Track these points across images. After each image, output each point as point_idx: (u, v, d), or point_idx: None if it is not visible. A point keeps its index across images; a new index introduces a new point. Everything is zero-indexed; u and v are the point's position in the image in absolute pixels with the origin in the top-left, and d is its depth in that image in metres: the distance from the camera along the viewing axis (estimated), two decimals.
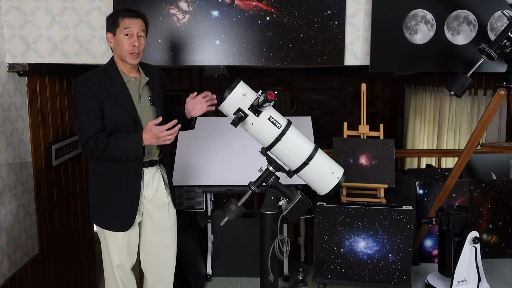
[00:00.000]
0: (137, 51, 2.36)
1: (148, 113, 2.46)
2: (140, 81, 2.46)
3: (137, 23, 2.36)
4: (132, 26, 2.34)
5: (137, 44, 2.35)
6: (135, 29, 2.35)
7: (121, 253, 2.51)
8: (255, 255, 3.11)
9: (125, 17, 2.34)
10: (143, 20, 2.41)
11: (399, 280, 2.94)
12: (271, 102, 2.08)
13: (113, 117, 2.37)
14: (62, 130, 3.77)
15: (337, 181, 2.29)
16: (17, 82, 3.23)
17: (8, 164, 3.10)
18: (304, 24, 3.17)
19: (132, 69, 2.45)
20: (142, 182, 2.49)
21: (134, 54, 2.35)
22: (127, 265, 2.55)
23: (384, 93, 9.37)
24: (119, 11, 2.40)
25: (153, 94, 2.47)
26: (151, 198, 2.54)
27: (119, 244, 2.49)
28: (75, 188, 4.07)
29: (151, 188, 2.53)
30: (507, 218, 3.54)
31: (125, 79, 2.41)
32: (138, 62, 2.41)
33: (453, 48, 3.21)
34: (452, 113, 6.34)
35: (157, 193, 2.55)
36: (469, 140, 3.00)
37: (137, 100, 2.42)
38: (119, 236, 2.48)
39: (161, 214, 2.58)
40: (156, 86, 2.51)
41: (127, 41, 2.34)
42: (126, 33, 2.34)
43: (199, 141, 3.40)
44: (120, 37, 2.34)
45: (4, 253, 3.04)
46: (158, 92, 2.50)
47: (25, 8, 3.13)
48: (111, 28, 2.37)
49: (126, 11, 2.37)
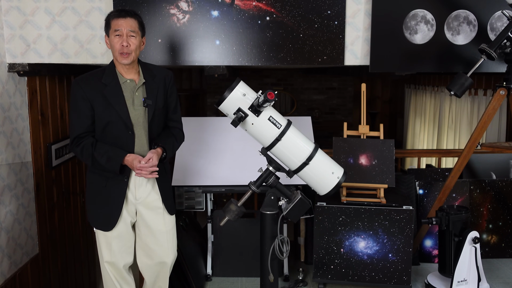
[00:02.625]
0: (127, 51, 2.36)
1: (141, 115, 2.44)
2: (136, 83, 2.45)
3: (126, 23, 2.36)
4: (121, 27, 2.35)
5: (126, 44, 2.35)
6: (124, 29, 2.36)
7: (111, 251, 2.52)
8: (255, 255, 3.11)
9: (115, 18, 2.37)
10: (136, 20, 2.40)
11: (399, 280, 2.94)
12: (271, 102, 2.08)
13: (104, 118, 2.39)
14: (62, 130, 3.77)
15: (337, 181, 2.29)
16: (17, 82, 3.23)
17: (8, 164, 3.10)
18: (304, 24, 3.17)
19: (131, 71, 2.44)
20: (134, 183, 2.49)
21: (124, 54, 2.36)
22: (119, 263, 2.55)
23: (384, 93, 9.38)
24: (111, 12, 2.42)
25: (148, 97, 2.44)
26: (143, 200, 2.53)
27: (108, 242, 2.52)
28: (75, 188, 4.07)
29: (144, 190, 2.52)
30: (507, 218, 3.54)
31: (121, 80, 2.42)
32: (129, 62, 2.39)
33: (453, 48, 3.21)
34: (452, 113, 6.34)
35: (150, 196, 2.54)
36: (469, 140, 3.00)
37: (130, 102, 2.42)
38: (108, 234, 2.50)
39: (154, 217, 2.56)
40: (155, 88, 2.48)
41: (117, 41, 2.36)
42: (116, 33, 2.36)
43: (199, 141, 3.40)
44: (112, 37, 2.38)
45: (4, 253, 3.04)
46: (157, 94, 2.47)
47: (25, 8, 3.13)
48: (106, 30, 2.41)
49: (116, 12, 2.40)
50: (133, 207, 2.53)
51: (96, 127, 2.43)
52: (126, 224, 2.53)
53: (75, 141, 2.42)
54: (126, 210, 2.51)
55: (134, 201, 2.52)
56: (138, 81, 2.45)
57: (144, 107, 2.43)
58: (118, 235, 2.51)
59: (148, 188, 2.53)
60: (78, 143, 2.41)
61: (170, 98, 2.56)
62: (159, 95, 2.49)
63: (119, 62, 2.40)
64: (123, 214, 2.50)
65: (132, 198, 2.51)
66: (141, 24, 2.45)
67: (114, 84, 2.40)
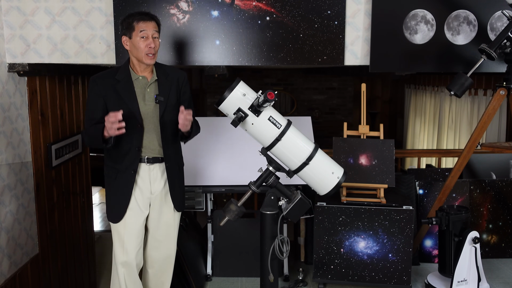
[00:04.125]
0: (153, 52, 2.48)
1: (151, 111, 2.53)
2: (148, 80, 2.54)
3: (151, 25, 2.48)
4: (147, 29, 2.46)
5: (153, 45, 2.47)
6: (149, 32, 2.47)
7: (124, 248, 2.56)
8: (255, 255, 3.11)
9: (140, 21, 2.46)
10: (156, 22, 2.52)
11: (399, 280, 2.94)
12: (271, 102, 2.08)
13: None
14: (62, 130, 3.77)
15: (337, 181, 2.29)
16: (17, 82, 3.23)
17: (8, 164, 3.10)
18: (304, 24, 3.17)
19: (146, 69, 2.55)
20: (149, 177, 2.56)
21: (151, 55, 2.48)
22: (132, 263, 2.58)
23: (384, 93, 9.38)
24: (133, 15, 2.50)
25: (161, 93, 2.53)
26: (158, 194, 2.60)
27: (121, 238, 2.57)
28: (75, 188, 4.07)
29: (159, 184, 2.60)
30: (507, 218, 3.54)
31: (133, 77, 2.52)
32: (154, 62, 2.53)
33: (453, 48, 3.21)
34: (452, 113, 6.34)
35: (164, 190, 2.62)
36: (469, 140, 3.00)
37: (141, 98, 2.52)
38: (121, 230, 2.56)
39: (167, 210, 2.65)
40: (168, 86, 2.57)
41: (143, 43, 2.45)
42: (142, 35, 2.45)
43: (199, 141, 3.40)
44: (137, 40, 2.46)
45: (4, 253, 3.04)
46: (169, 92, 2.56)
47: (25, 8, 3.13)
48: (127, 32, 2.49)
49: (140, 15, 2.48)
50: (147, 200, 2.60)
51: None
52: (137, 218, 2.57)
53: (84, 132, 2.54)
54: (138, 202, 2.57)
55: (149, 195, 2.59)
56: (150, 78, 2.55)
57: (155, 103, 2.52)
58: (130, 229, 2.56)
59: (162, 182, 2.61)
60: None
61: (184, 96, 2.65)
62: (172, 92, 2.58)
63: (143, 63, 2.49)
64: (134, 207, 2.56)
65: (147, 191, 2.58)
66: (160, 26, 2.57)
67: (126, 80, 2.52)
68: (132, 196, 2.55)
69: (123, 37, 2.51)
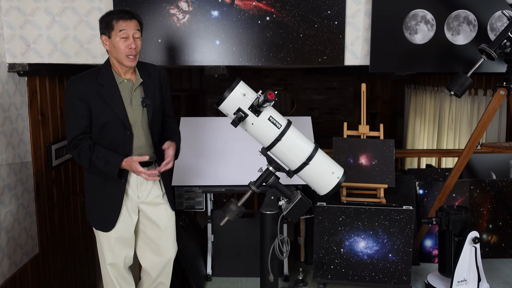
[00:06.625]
0: (134, 53, 2.34)
1: (139, 115, 2.42)
2: (134, 83, 2.43)
3: (131, 24, 2.32)
4: (127, 28, 2.31)
5: (134, 46, 2.32)
6: (130, 31, 2.32)
7: (113, 252, 2.52)
8: (255, 255, 3.11)
9: (119, 20, 2.30)
10: (138, 21, 2.37)
11: (399, 280, 2.94)
12: (271, 102, 2.08)
13: (102, 119, 2.36)
14: (62, 130, 3.77)
15: (337, 181, 2.29)
16: (17, 82, 3.23)
17: (8, 164, 3.10)
18: (304, 24, 3.17)
19: (129, 71, 2.42)
20: (136, 182, 2.49)
21: (131, 57, 2.34)
22: (121, 264, 2.55)
23: (384, 93, 9.37)
24: (112, 13, 2.35)
25: (146, 96, 2.43)
26: (145, 198, 2.53)
27: (111, 243, 2.50)
28: (75, 188, 4.07)
29: (145, 187, 2.52)
30: (507, 218, 3.54)
31: (117, 80, 2.38)
32: (135, 64, 2.38)
33: (453, 48, 3.21)
34: (452, 113, 6.34)
35: (152, 193, 2.54)
36: (469, 140, 3.00)
37: (128, 103, 2.39)
38: (111, 235, 2.49)
39: (158, 212, 2.57)
40: (152, 87, 2.46)
41: (123, 43, 2.31)
42: (122, 35, 2.30)
43: (199, 141, 3.40)
44: (116, 40, 2.31)
45: (4, 253, 3.04)
46: (154, 93, 2.46)
47: (25, 8, 3.13)
48: (106, 31, 2.34)
49: (119, 13, 2.33)
50: (136, 205, 2.53)
51: (93, 128, 2.39)
52: (127, 224, 2.52)
53: (72, 142, 2.38)
54: (128, 208, 2.51)
55: (136, 199, 2.52)
56: (135, 81, 2.43)
57: (142, 107, 2.42)
58: (120, 235, 2.51)
59: (149, 185, 2.53)
60: (75, 145, 2.37)
61: (166, 95, 2.56)
62: (156, 94, 2.47)
63: (124, 65, 2.36)
64: (124, 214, 2.49)
65: (135, 196, 2.51)
66: (142, 25, 2.43)
67: (111, 84, 2.36)
68: (123, 205, 2.47)
69: (102, 36, 2.34)
